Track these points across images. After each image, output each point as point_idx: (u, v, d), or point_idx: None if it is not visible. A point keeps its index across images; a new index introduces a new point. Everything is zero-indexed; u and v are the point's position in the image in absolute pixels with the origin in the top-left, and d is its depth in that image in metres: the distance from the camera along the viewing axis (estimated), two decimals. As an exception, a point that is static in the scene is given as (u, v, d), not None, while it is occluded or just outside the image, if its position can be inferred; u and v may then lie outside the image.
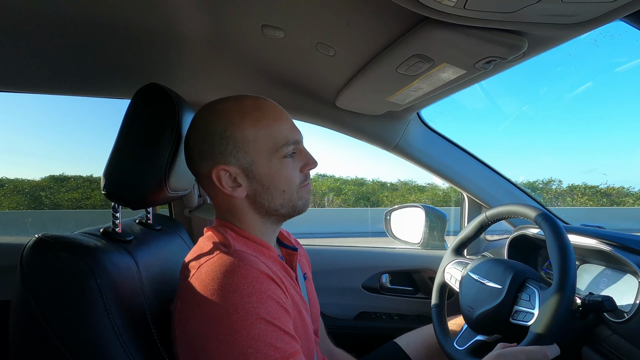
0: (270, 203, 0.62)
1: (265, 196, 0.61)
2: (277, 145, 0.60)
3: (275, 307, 0.51)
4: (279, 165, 0.60)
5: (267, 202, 0.62)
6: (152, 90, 0.65)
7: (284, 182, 0.61)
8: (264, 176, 0.60)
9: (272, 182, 0.61)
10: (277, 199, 0.62)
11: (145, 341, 0.57)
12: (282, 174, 0.61)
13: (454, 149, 1.20)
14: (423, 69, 0.71)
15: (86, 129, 18.71)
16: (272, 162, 0.60)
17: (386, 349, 0.97)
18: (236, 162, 0.59)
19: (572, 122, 31.85)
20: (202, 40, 0.78)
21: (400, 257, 1.34)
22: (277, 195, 0.61)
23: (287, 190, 0.62)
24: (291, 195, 0.62)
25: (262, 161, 0.60)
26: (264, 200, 0.61)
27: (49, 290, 0.50)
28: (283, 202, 0.62)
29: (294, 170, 0.62)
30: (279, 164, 0.60)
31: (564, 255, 0.66)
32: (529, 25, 0.56)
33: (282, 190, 0.61)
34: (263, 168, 0.60)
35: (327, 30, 0.68)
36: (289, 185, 0.62)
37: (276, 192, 0.61)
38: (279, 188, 0.61)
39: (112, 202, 0.64)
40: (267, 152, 0.60)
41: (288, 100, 1.03)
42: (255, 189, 0.61)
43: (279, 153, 0.60)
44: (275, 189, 0.61)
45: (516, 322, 0.70)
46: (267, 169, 0.60)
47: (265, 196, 0.61)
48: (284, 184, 0.61)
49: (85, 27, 0.71)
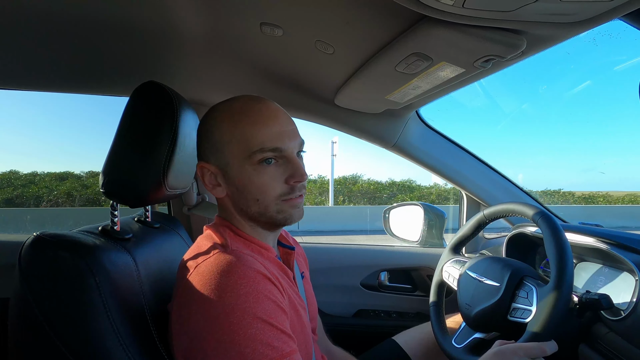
0: (247, 209, 0.60)
1: (242, 201, 0.60)
2: (249, 151, 0.56)
3: (272, 306, 0.51)
4: (251, 171, 0.57)
5: (244, 207, 0.60)
6: (150, 88, 0.65)
7: (256, 191, 0.58)
8: (237, 181, 0.59)
9: (244, 188, 0.58)
10: (252, 206, 0.59)
11: (144, 339, 0.57)
12: (254, 181, 0.57)
13: (452, 147, 1.21)
14: (422, 68, 0.71)
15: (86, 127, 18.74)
16: (244, 168, 0.57)
17: (384, 346, 0.98)
18: (215, 161, 0.60)
19: (571, 120, 31.89)
20: (200, 38, 0.78)
21: (398, 255, 1.34)
22: (252, 203, 0.59)
23: (261, 200, 0.58)
24: (267, 206, 0.59)
25: (235, 165, 0.58)
26: (242, 205, 0.60)
27: (48, 288, 0.51)
28: (259, 210, 0.59)
29: (273, 179, 0.58)
30: (252, 170, 0.57)
31: (562, 253, 0.66)
32: (528, 24, 0.56)
33: (255, 199, 0.58)
34: (235, 172, 0.58)
35: (326, 29, 0.68)
36: (262, 194, 0.58)
37: (250, 198, 0.59)
38: (252, 196, 0.58)
39: (111, 200, 0.64)
40: (240, 156, 0.57)
41: (287, 98, 1.03)
42: (232, 191, 0.60)
43: (252, 159, 0.57)
44: (249, 194, 0.58)
45: (514, 320, 0.71)
46: (239, 174, 0.58)
47: (242, 201, 0.60)
48: (256, 192, 0.58)
49: (84, 25, 0.71)
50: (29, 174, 11.54)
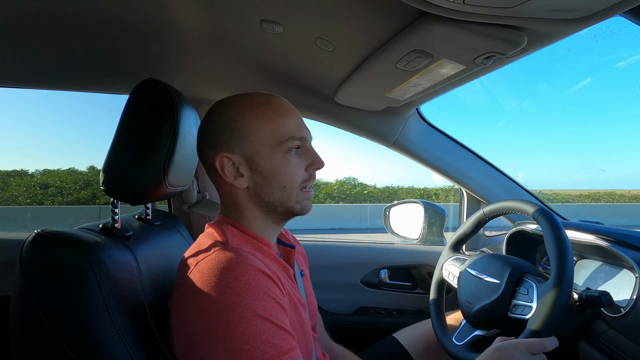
0: (270, 198, 0.61)
1: (266, 190, 0.61)
2: (281, 139, 0.60)
3: (272, 303, 0.51)
4: (281, 158, 0.60)
5: (267, 196, 0.61)
6: (150, 85, 0.64)
7: (285, 178, 0.61)
8: (266, 169, 0.60)
9: (273, 176, 0.60)
10: (276, 194, 0.61)
11: (145, 336, 0.57)
12: (284, 168, 0.60)
13: (453, 145, 1.20)
14: (422, 65, 0.71)
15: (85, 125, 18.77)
16: (274, 155, 0.60)
17: (385, 343, 0.98)
18: (240, 151, 0.60)
19: (572, 118, 31.85)
20: (200, 36, 0.77)
21: (399, 253, 1.34)
22: (277, 191, 0.61)
23: (287, 187, 0.61)
24: (291, 193, 0.61)
25: (265, 153, 0.60)
26: (264, 194, 0.61)
27: (49, 285, 0.51)
28: (282, 199, 0.61)
29: (298, 167, 0.62)
30: (281, 157, 0.60)
31: (562, 250, 0.66)
32: (529, 21, 0.55)
33: (282, 186, 0.61)
34: (265, 160, 0.60)
35: (326, 26, 0.68)
36: (290, 181, 0.61)
37: (276, 186, 0.61)
38: (280, 183, 0.61)
39: (112, 198, 0.64)
40: (270, 144, 0.60)
41: (287, 95, 1.02)
42: (257, 181, 0.61)
43: (282, 147, 0.60)
44: (276, 183, 0.61)
45: (514, 316, 0.71)
46: (269, 161, 0.60)
47: (266, 190, 0.61)
48: (284, 179, 0.61)
49: (83, 22, 0.71)
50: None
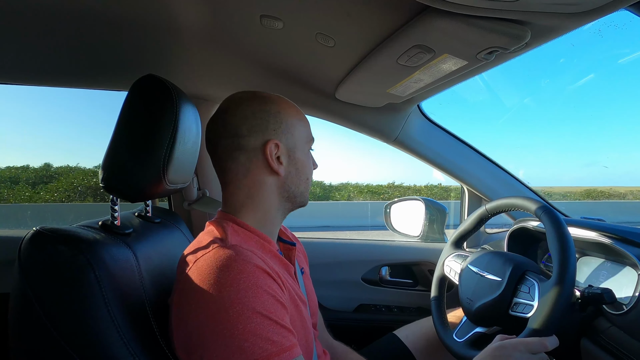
0: (296, 188, 0.67)
1: (295, 180, 0.66)
2: (309, 137, 0.69)
3: (271, 301, 0.51)
4: (308, 154, 0.69)
5: (295, 186, 0.66)
6: (149, 81, 0.64)
7: (309, 170, 0.69)
8: (300, 161, 0.66)
9: (303, 168, 0.67)
10: (302, 184, 0.67)
11: (145, 334, 0.57)
12: (309, 163, 0.69)
13: (454, 142, 1.20)
14: (424, 60, 0.70)
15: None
16: (305, 150, 0.68)
17: (385, 341, 0.98)
18: (285, 141, 0.64)
19: (574, 114, 31.78)
20: (200, 31, 0.77)
21: (400, 250, 1.34)
22: (303, 181, 0.67)
23: (309, 179, 0.69)
24: (308, 185, 0.69)
25: (301, 147, 0.67)
26: (292, 184, 0.66)
27: (48, 283, 0.50)
28: (303, 189, 0.68)
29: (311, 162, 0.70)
30: (308, 153, 0.69)
31: (564, 247, 0.66)
32: (532, 15, 0.55)
33: (306, 178, 0.68)
34: (301, 153, 0.67)
35: (326, 21, 0.67)
36: (311, 174, 0.70)
37: (303, 177, 0.67)
38: (306, 175, 0.68)
39: (111, 195, 0.63)
40: (304, 140, 0.67)
41: (287, 92, 1.02)
42: (290, 171, 0.65)
43: (309, 144, 0.69)
44: (304, 174, 0.67)
45: (515, 314, 0.70)
46: (303, 155, 0.67)
47: (295, 180, 0.66)
48: (309, 172, 0.69)
49: (82, 18, 0.70)
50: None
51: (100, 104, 19.66)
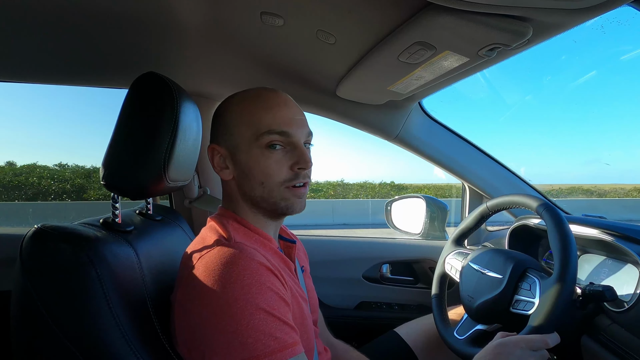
0: (251, 192, 0.61)
1: (246, 184, 0.61)
2: (257, 132, 0.58)
3: (274, 298, 0.51)
4: (258, 154, 0.59)
5: (248, 191, 0.61)
6: (150, 79, 0.64)
7: (261, 174, 0.59)
8: (243, 163, 0.60)
9: (250, 171, 0.60)
10: (256, 190, 0.60)
11: (147, 331, 0.57)
12: (261, 164, 0.59)
13: (455, 139, 1.20)
14: (425, 57, 0.70)
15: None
16: (252, 150, 0.59)
17: (386, 338, 0.98)
18: (224, 143, 0.62)
19: (576, 112, 31.71)
20: (200, 29, 0.77)
21: (400, 248, 1.34)
22: (256, 186, 0.60)
23: (265, 184, 0.59)
24: (270, 190, 0.60)
25: (243, 147, 0.60)
26: (246, 188, 0.61)
27: (49, 280, 0.50)
28: (262, 195, 0.60)
29: (279, 164, 0.59)
30: (259, 153, 0.59)
31: (566, 244, 0.66)
32: (534, 11, 0.54)
33: (260, 182, 0.60)
34: (242, 154, 0.60)
35: (327, 18, 0.67)
36: (267, 178, 0.59)
37: (254, 182, 0.60)
38: (257, 179, 0.60)
39: (112, 193, 0.63)
40: (248, 138, 0.59)
41: (288, 89, 1.01)
42: (239, 174, 0.62)
43: (260, 141, 0.58)
44: (254, 178, 0.60)
45: (516, 312, 0.71)
46: (246, 155, 0.60)
47: (246, 184, 0.61)
48: (261, 175, 0.59)
49: (83, 16, 0.70)
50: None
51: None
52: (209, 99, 1.14)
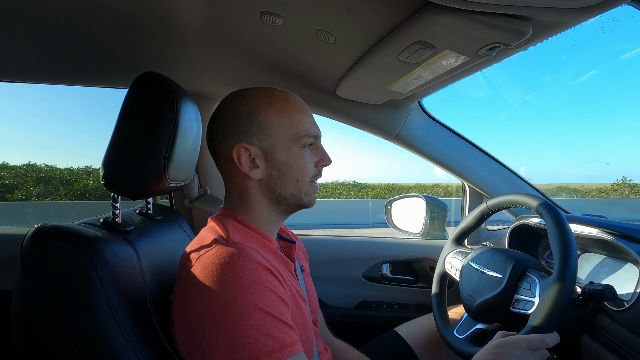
0: (282, 190, 0.63)
1: (279, 182, 0.63)
2: (298, 134, 0.62)
3: (273, 298, 0.52)
4: (297, 153, 0.63)
5: (280, 188, 0.63)
6: (150, 78, 0.64)
7: (299, 171, 0.63)
8: (282, 162, 0.62)
9: (287, 169, 0.62)
10: (289, 187, 0.63)
11: (147, 330, 0.57)
12: (299, 162, 0.63)
13: (455, 139, 1.19)
14: (425, 56, 0.70)
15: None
16: (291, 149, 0.62)
17: (387, 337, 0.98)
18: (258, 143, 0.61)
19: (575, 110, 31.70)
20: (200, 28, 0.77)
21: (401, 247, 1.34)
22: (290, 184, 0.63)
23: (300, 180, 0.63)
24: (302, 186, 0.64)
25: (282, 147, 0.62)
26: (277, 187, 0.63)
27: (50, 280, 0.51)
28: (294, 191, 0.63)
29: (311, 161, 0.65)
30: (297, 152, 0.63)
31: (566, 244, 0.66)
32: (534, 10, 0.54)
33: (295, 179, 0.63)
34: (282, 154, 0.62)
35: (327, 17, 0.67)
36: (303, 175, 0.63)
37: (290, 179, 0.63)
38: (294, 176, 0.63)
39: (112, 193, 0.63)
40: (288, 139, 0.62)
41: (287, 89, 1.01)
42: (271, 173, 0.62)
43: (300, 142, 0.63)
44: (290, 176, 0.63)
45: (516, 311, 0.71)
46: (286, 155, 0.62)
47: (279, 182, 0.63)
48: (299, 172, 0.63)
49: (82, 15, 0.70)
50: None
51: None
52: (209, 98, 1.14)
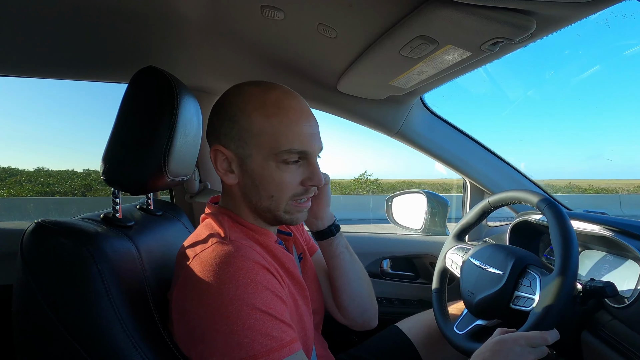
0: (257, 202, 0.60)
1: (254, 193, 0.60)
2: (277, 149, 0.57)
3: (271, 296, 0.51)
4: (274, 168, 0.57)
5: (255, 200, 0.60)
6: (150, 73, 0.63)
7: (274, 187, 0.58)
8: (256, 174, 0.58)
9: (261, 183, 0.58)
10: (263, 201, 0.59)
11: (147, 325, 0.57)
12: (275, 178, 0.58)
13: (457, 135, 1.19)
14: (427, 51, 0.69)
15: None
16: (267, 163, 0.57)
17: (387, 333, 0.98)
18: (235, 148, 0.59)
19: (578, 107, 31.57)
20: (200, 22, 0.76)
21: (401, 243, 1.34)
22: (265, 198, 0.59)
23: (275, 197, 0.59)
24: (278, 203, 0.59)
25: (258, 159, 0.58)
26: (252, 197, 0.60)
27: (50, 275, 0.51)
28: (269, 207, 0.60)
29: (293, 178, 0.59)
30: (274, 167, 0.57)
31: (567, 240, 0.65)
32: (538, 4, 0.53)
33: (270, 195, 0.59)
34: (257, 166, 0.58)
35: (328, 11, 0.66)
36: (279, 192, 0.58)
37: (264, 193, 0.59)
38: (268, 191, 0.59)
39: (112, 188, 0.63)
40: (266, 150, 0.57)
41: (288, 84, 1.00)
42: (246, 182, 0.60)
43: (278, 157, 0.57)
44: (264, 190, 0.59)
45: (516, 308, 0.71)
46: (261, 168, 0.58)
47: (254, 193, 0.60)
48: (273, 188, 0.58)
49: (81, 10, 0.69)
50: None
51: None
52: (209, 93, 1.13)
